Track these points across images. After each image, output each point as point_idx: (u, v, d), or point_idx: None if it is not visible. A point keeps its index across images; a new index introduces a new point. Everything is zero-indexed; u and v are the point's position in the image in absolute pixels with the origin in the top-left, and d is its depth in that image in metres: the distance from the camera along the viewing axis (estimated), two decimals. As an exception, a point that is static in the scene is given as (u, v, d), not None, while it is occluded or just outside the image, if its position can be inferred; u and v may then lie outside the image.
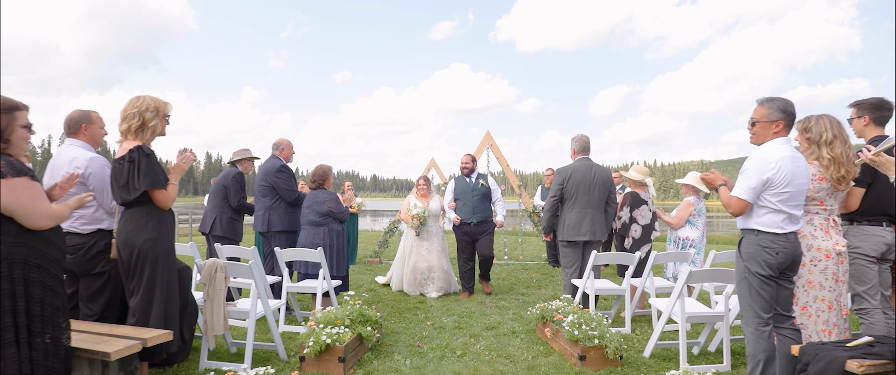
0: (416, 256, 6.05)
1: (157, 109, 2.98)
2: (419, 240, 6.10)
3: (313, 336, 3.31)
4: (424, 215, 5.97)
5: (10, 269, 2.14)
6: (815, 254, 2.98)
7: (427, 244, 6.09)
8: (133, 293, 2.89)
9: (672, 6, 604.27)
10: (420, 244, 6.09)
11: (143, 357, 2.89)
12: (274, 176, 5.07)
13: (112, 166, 2.89)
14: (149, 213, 2.88)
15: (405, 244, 6.28)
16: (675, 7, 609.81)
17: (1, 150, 2.19)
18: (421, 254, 6.05)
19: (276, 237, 5.12)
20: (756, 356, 2.87)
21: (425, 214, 5.98)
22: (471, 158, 6.16)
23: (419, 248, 6.07)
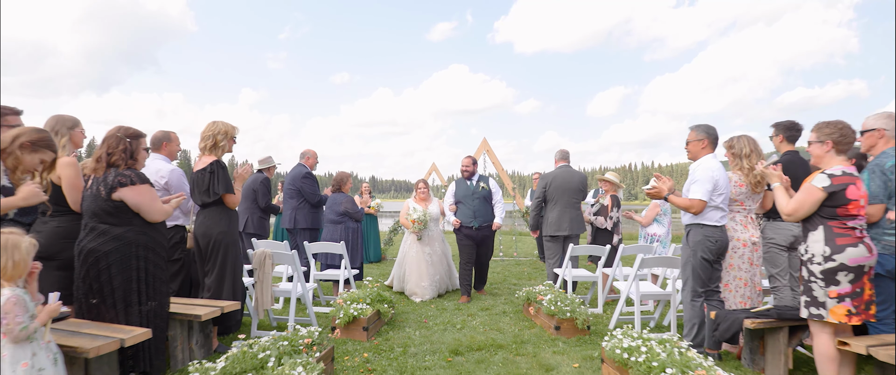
0: (418, 259, 5.94)
1: (226, 133, 3.84)
2: (421, 244, 5.98)
3: (343, 310, 4.17)
4: (425, 218, 5.89)
5: (136, 250, 3.00)
6: (736, 243, 3.84)
7: (429, 249, 5.96)
8: (208, 273, 3.76)
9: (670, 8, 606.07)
10: (422, 249, 5.96)
11: (216, 323, 3.76)
12: (300, 181, 5.93)
13: (194, 176, 3.74)
14: (221, 211, 3.74)
15: (406, 247, 6.12)
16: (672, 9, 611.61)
17: (129, 165, 3.05)
18: (422, 257, 5.93)
19: (300, 234, 5.98)
20: (691, 320, 3.75)
21: (425, 217, 5.90)
22: (472, 160, 6.04)
23: (421, 253, 5.95)
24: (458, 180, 6.08)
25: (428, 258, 5.94)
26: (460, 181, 6.03)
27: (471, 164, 6.01)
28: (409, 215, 5.93)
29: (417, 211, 5.90)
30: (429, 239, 6.02)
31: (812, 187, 2.86)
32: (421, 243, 5.98)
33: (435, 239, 6.07)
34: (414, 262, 5.97)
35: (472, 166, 6.00)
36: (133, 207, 2.97)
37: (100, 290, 2.91)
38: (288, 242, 5.67)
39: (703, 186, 3.56)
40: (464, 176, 6.01)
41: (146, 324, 3.04)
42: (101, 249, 2.90)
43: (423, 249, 5.96)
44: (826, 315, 2.81)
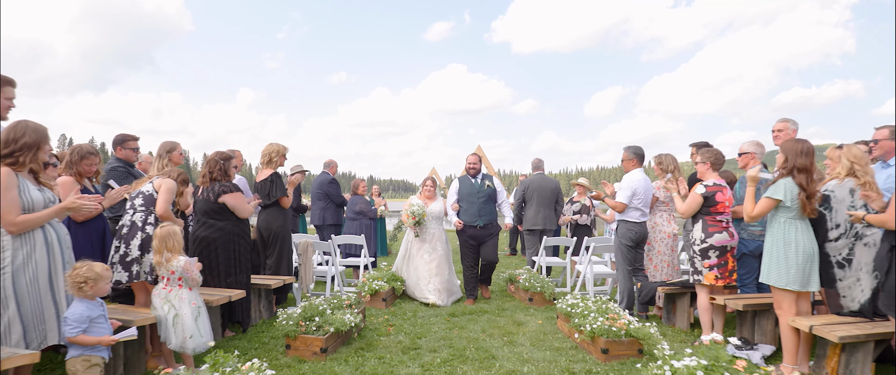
0: (417, 259, 5.86)
1: (278, 151, 5.16)
2: (420, 242, 5.89)
3: (368, 285, 5.50)
4: (421, 212, 5.74)
5: (233, 238, 4.33)
6: (661, 234, 5.18)
7: (429, 247, 5.85)
8: (269, 256, 5.10)
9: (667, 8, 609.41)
10: (421, 247, 5.87)
11: (275, 292, 5.10)
12: (326, 186, 7.27)
13: (257, 184, 5.07)
14: (278, 211, 5.08)
15: (407, 245, 6.05)
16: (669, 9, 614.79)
17: (225, 179, 4.38)
18: (422, 258, 5.83)
19: (327, 229, 7.31)
20: (623, 291, 5.09)
21: (421, 211, 5.75)
22: (477, 158, 5.91)
23: (421, 250, 5.87)
24: (462, 178, 5.95)
25: (427, 257, 5.84)
26: (464, 179, 5.90)
27: (477, 161, 5.87)
28: (411, 208, 5.79)
29: (415, 205, 5.78)
30: (430, 238, 5.88)
31: (695, 194, 4.20)
32: (421, 240, 5.88)
33: (437, 239, 5.91)
34: (414, 261, 5.93)
35: (478, 164, 5.87)
36: (231, 208, 4.31)
37: (209, 265, 4.23)
38: (317, 236, 7.01)
39: (624, 193, 4.92)
40: (469, 174, 5.87)
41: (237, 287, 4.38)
42: (211, 237, 4.23)
43: (422, 246, 5.87)
44: (703, 280, 4.15)
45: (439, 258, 5.82)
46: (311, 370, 3.50)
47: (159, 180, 3.80)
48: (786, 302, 3.51)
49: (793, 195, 3.44)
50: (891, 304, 2.99)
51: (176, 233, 3.43)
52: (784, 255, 3.46)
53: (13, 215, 2.54)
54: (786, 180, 3.49)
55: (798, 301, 3.53)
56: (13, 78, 3.02)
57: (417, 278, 5.82)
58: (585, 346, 4.00)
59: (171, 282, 3.36)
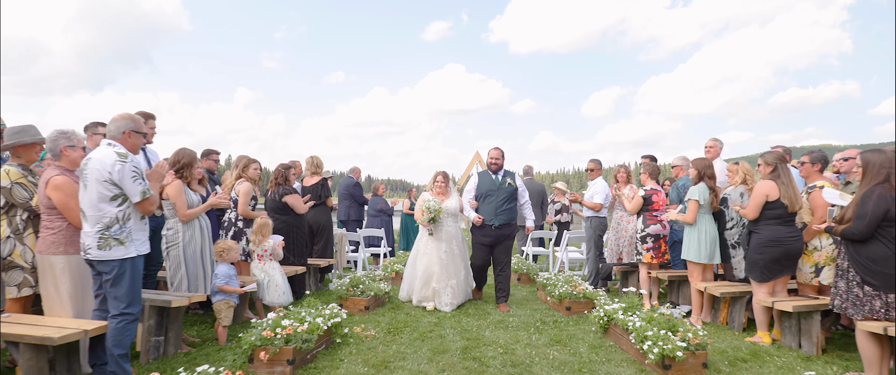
0: (433, 259, 5.43)
1: (320, 164, 6.63)
2: (436, 241, 5.47)
3: (391, 267, 6.98)
4: (437, 209, 5.36)
5: (294, 229, 5.79)
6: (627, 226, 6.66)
7: (445, 246, 5.45)
8: (317, 244, 6.57)
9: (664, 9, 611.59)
10: (437, 246, 5.45)
11: (320, 271, 6.59)
12: (351, 188, 8.73)
13: (307, 188, 6.53)
14: (325, 209, 6.56)
15: (419, 245, 5.64)
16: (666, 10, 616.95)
17: (286, 183, 5.85)
18: (439, 257, 5.42)
19: (350, 224, 8.78)
20: (592, 271, 6.59)
21: (437, 208, 5.37)
22: (500, 152, 5.60)
23: (437, 250, 5.45)
24: (482, 173, 5.68)
25: (445, 257, 5.43)
26: (484, 174, 5.61)
27: (500, 156, 5.58)
28: (426, 204, 5.40)
29: (430, 201, 5.41)
30: (447, 236, 5.50)
31: (638, 197, 5.69)
32: (435, 238, 5.48)
33: (453, 238, 5.54)
34: (426, 262, 5.46)
35: (501, 160, 5.58)
36: (290, 206, 5.78)
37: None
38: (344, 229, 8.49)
39: (601, 196, 6.41)
40: (491, 169, 5.57)
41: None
42: (276, 227, 5.70)
43: (438, 246, 5.45)
44: (643, 259, 5.63)
45: (454, 258, 5.48)
46: (361, 320, 4.96)
47: (238, 186, 5.24)
48: (696, 272, 5.00)
49: (705, 196, 4.93)
50: (749, 270, 4.44)
51: (268, 223, 4.92)
52: (697, 238, 4.94)
53: (184, 210, 4.01)
54: (700, 186, 4.97)
55: (704, 272, 5.02)
56: (152, 113, 4.47)
57: (430, 280, 5.42)
58: (555, 306, 5.49)
59: (264, 258, 4.84)
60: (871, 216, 3.26)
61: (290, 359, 3.37)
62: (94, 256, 3.06)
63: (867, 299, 3.34)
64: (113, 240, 3.07)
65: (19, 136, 3.44)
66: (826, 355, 3.96)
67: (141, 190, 3.14)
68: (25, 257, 3.42)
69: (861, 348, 3.39)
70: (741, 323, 4.70)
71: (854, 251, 3.41)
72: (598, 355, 3.90)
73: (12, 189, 3.34)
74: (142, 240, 3.25)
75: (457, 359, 3.78)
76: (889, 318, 3.28)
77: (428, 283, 5.44)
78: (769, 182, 4.24)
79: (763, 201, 4.21)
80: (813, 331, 3.97)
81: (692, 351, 3.43)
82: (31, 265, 3.43)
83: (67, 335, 2.87)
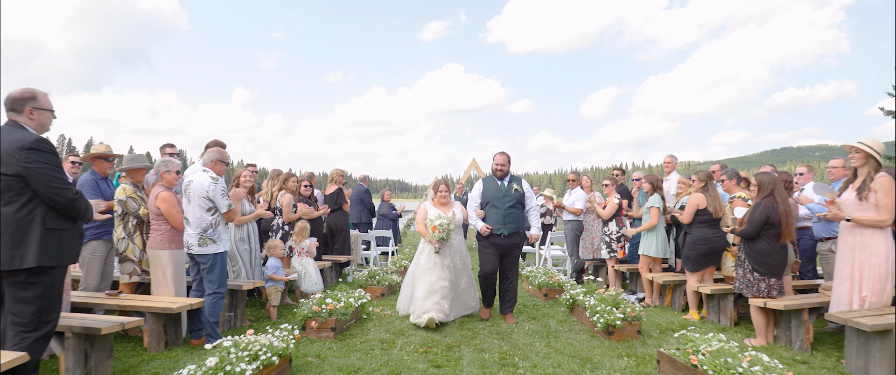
0: (436, 275, 5.10)
1: (335, 178, 7.83)
2: (440, 256, 5.14)
3: (399, 262, 8.18)
4: (449, 227, 5.03)
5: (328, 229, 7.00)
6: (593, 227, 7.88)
7: (449, 262, 5.17)
8: (336, 243, 7.77)
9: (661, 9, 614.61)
10: (441, 263, 5.14)
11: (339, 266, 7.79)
12: (362, 195, 9.93)
13: (327, 196, 7.73)
14: (342, 213, 7.76)
15: (421, 259, 5.31)
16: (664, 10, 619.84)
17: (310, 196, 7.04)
18: (442, 274, 5.12)
19: (361, 226, 9.98)
20: (572, 267, 7.80)
21: (450, 226, 5.05)
22: (506, 158, 5.29)
23: (441, 266, 5.14)
24: (487, 179, 5.38)
25: (448, 273, 5.14)
26: (489, 180, 5.33)
27: (506, 162, 5.27)
28: (431, 222, 5.09)
29: (441, 217, 5.08)
30: (451, 252, 5.21)
31: (613, 204, 6.89)
32: (441, 255, 5.15)
33: (457, 252, 5.26)
34: (428, 280, 5.11)
35: (507, 165, 5.28)
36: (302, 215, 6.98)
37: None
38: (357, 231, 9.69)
39: (581, 202, 7.62)
40: (496, 175, 5.28)
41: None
42: (309, 229, 6.91)
43: (442, 263, 5.14)
44: (616, 255, 6.82)
45: (458, 274, 5.25)
46: (379, 303, 6.14)
47: (281, 198, 6.43)
48: (649, 265, 6.21)
49: (660, 204, 6.14)
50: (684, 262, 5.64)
51: (306, 226, 6.13)
52: (655, 238, 6.13)
53: (239, 216, 5.20)
54: (656, 196, 6.18)
55: (653, 264, 6.23)
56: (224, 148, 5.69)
57: (432, 295, 5.05)
58: (535, 293, 6.70)
59: (302, 254, 6.04)
60: (757, 221, 4.47)
61: (333, 327, 4.57)
62: (195, 251, 4.26)
63: (756, 282, 4.55)
64: (209, 240, 4.27)
65: (132, 162, 4.64)
66: (737, 327, 5.17)
67: (227, 204, 4.35)
68: (134, 253, 4.61)
69: (753, 318, 4.60)
70: (681, 305, 5.91)
71: (747, 247, 4.62)
72: (563, 326, 5.11)
73: (127, 201, 4.53)
74: (226, 240, 4.45)
75: (454, 328, 4.98)
76: (771, 296, 4.49)
77: (429, 299, 5.05)
78: (700, 194, 5.45)
79: (695, 209, 5.43)
80: (727, 309, 5.19)
81: (629, 321, 4.64)
82: (138, 259, 4.62)
83: (182, 305, 4.07)
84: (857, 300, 3.88)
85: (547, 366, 3.89)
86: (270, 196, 6.53)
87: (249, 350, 3.19)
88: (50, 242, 2.91)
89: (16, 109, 2.97)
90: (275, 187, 6.69)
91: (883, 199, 3.77)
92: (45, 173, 2.86)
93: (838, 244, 4.12)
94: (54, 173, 2.90)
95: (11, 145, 2.83)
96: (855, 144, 3.96)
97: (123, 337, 4.56)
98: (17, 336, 2.89)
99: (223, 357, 3.02)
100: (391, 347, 4.38)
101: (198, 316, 4.38)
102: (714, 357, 3.17)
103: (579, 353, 4.23)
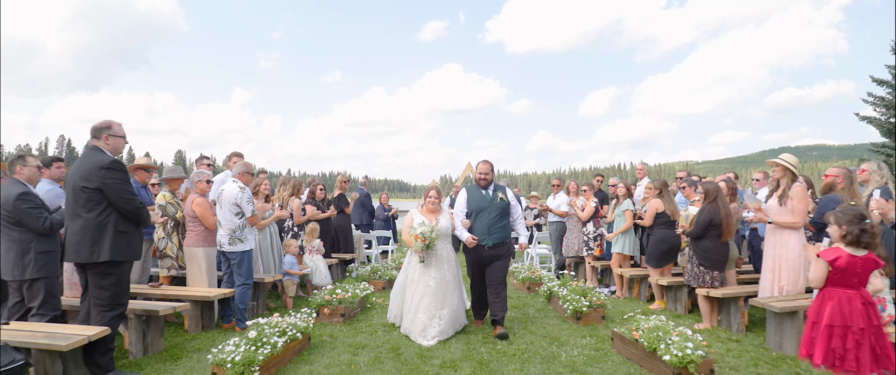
0: (422, 288, 4.88)
1: (340, 185, 8.62)
2: (425, 267, 4.91)
3: (398, 260, 8.97)
4: (432, 234, 4.74)
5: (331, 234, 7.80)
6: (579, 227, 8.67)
7: (435, 273, 4.89)
8: (340, 242, 8.56)
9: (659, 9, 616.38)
10: (425, 273, 4.91)
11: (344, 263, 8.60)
12: (362, 198, 10.73)
13: (333, 199, 8.52)
14: (345, 216, 8.55)
15: (408, 270, 5.13)
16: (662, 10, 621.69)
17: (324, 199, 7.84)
18: (427, 285, 4.86)
19: (364, 227, 10.78)
20: (557, 262, 8.60)
21: (433, 234, 4.75)
22: (490, 166, 5.16)
23: (425, 276, 4.90)
24: (471, 188, 5.24)
25: (435, 284, 4.86)
26: (473, 189, 5.18)
27: (489, 170, 5.14)
28: (413, 230, 4.79)
29: (425, 225, 4.78)
30: (437, 261, 4.94)
31: (590, 207, 7.69)
32: (426, 266, 4.91)
33: (444, 261, 4.98)
34: (415, 291, 4.91)
35: (490, 174, 5.15)
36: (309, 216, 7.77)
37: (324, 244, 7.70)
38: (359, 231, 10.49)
39: (564, 207, 8.41)
40: (480, 184, 5.15)
41: (327, 260, 7.85)
42: (317, 230, 7.71)
43: (427, 272, 4.90)
44: (593, 252, 7.62)
45: (446, 286, 4.92)
46: (381, 295, 6.92)
47: (291, 203, 7.22)
48: (620, 261, 7.01)
49: (633, 208, 6.94)
50: (647, 259, 6.43)
51: (316, 227, 6.93)
52: (628, 238, 6.93)
53: (257, 219, 5.99)
54: (628, 201, 6.98)
55: (624, 261, 7.03)
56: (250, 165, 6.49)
57: (417, 309, 4.84)
58: (520, 287, 7.51)
59: (313, 252, 6.84)
60: (702, 223, 5.27)
61: (343, 313, 5.36)
62: (226, 249, 5.05)
63: (702, 274, 5.35)
64: (237, 239, 5.06)
65: (170, 173, 5.44)
66: (691, 314, 5.96)
67: (251, 209, 5.14)
68: (172, 250, 5.40)
69: (700, 305, 5.39)
70: (646, 296, 6.71)
71: (694, 245, 5.41)
72: (540, 314, 5.91)
73: (166, 206, 5.32)
74: (252, 239, 5.24)
75: (447, 317, 5.77)
76: (714, 286, 5.28)
77: (416, 313, 4.84)
78: (657, 200, 6.27)
79: (655, 213, 6.23)
80: (682, 298, 5.99)
81: (594, 308, 5.44)
82: (175, 256, 5.41)
83: (218, 294, 4.86)
84: (777, 288, 4.69)
85: (521, 344, 4.70)
86: (282, 201, 7.32)
87: (279, 327, 3.99)
88: (120, 241, 3.71)
89: (96, 136, 3.76)
90: (286, 192, 7.47)
91: (797, 205, 4.57)
92: (118, 188, 3.65)
93: (764, 242, 4.92)
94: (125, 187, 3.69)
95: (93, 164, 3.62)
96: (776, 160, 4.76)
97: (167, 322, 5.35)
98: (98, 315, 3.69)
99: (260, 331, 3.82)
100: (392, 329, 5.17)
101: (229, 304, 5.18)
102: (650, 332, 3.97)
103: (550, 334, 5.04)
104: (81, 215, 3.62)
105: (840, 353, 3.03)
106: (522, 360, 4.26)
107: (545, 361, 4.25)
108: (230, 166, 6.93)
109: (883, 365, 2.99)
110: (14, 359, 3.06)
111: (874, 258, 3.10)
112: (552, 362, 4.23)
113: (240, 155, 6.58)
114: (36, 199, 3.98)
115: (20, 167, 4.06)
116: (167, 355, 4.30)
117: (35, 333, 3.48)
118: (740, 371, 4.02)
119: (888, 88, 21.88)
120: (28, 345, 3.35)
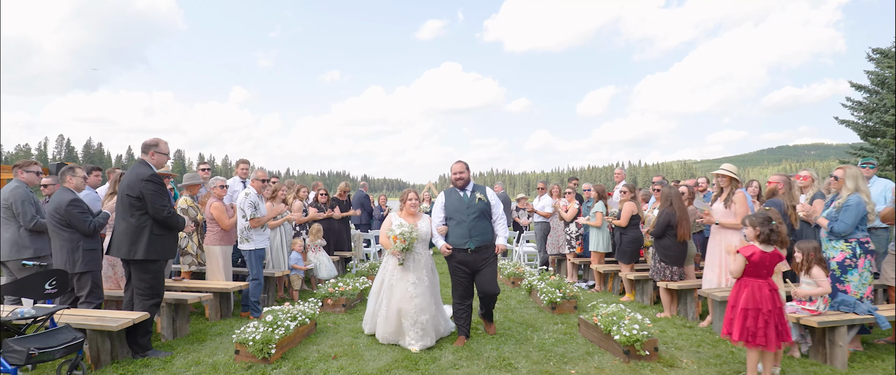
0: (400, 292, 4.75)
1: (344, 189, 9.31)
2: (403, 271, 4.79)
3: (394, 258, 9.65)
4: (411, 236, 4.67)
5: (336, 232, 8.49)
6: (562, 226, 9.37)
7: (414, 277, 4.78)
8: (344, 243, 9.26)
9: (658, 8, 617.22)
10: (404, 277, 4.79)
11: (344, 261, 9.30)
12: (362, 199, 11.39)
13: (334, 200, 9.20)
14: (345, 219, 9.24)
15: (385, 275, 4.97)
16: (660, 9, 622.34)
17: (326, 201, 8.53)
18: (406, 291, 4.74)
19: (363, 227, 11.45)
20: (541, 259, 9.30)
21: (412, 235, 4.68)
22: (464, 166, 4.99)
23: (403, 281, 4.78)
24: (449, 191, 5.06)
25: (413, 289, 4.74)
26: (451, 192, 5.00)
27: (463, 169, 4.97)
28: (391, 231, 4.71)
29: (403, 226, 4.71)
30: (415, 265, 4.84)
31: (573, 209, 8.37)
32: (404, 269, 4.81)
33: (423, 267, 4.87)
34: (391, 296, 4.79)
35: (466, 173, 4.97)
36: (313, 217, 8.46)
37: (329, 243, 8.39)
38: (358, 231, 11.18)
39: (549, 209, 9.10)
40: (456, 185, 4.98)
41: (329, 258, 8.54)
42: (320, 229, 8.40)
43: (406, 276, 4.78)
44: (574, 250, 8.30)
45: (425, 291, 4.80)
46: (377, 290, 7.60)
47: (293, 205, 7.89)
48: (597, 258, 7.71)
49: (604, 209, 7.63)
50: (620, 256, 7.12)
51: (320, 228, 7.62)
52: (602, 236, 7.62)
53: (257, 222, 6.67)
54: (600, 203, 7.67)
55: (600, 258, 7.72)
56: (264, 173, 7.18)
57: (398, 315, 4.73)
58: (505, 282, 8.21)
59: (317, 249, 7.52)
60: (661, 224, 5.95)
61: (344, 303, 6.06)
62: (239, 247, 5.74)
63: (662, 269, 6.04)
64: (245, 239, 5.75)
65: (190, 180, 6.12)
66: (656, 305, 6.65)
67: (250, 213, 5.83)
68: (193, 248, 6.08)
69: (661, 297, 6.09)
70: (619, 289, 7.41)
71: (656, 243, 6.10)
72: (520, 305, 6.61)
73: (187, 209, 5.99)
74: (258, 240, 5.92)
75: (437, 307, 6.46)
76: (673, 280, 5.97)
77: (394, 320, 4.75)
78: (631, 203, 6.96)
79: (630, 215, 6.92)
80: (648, 291, 6.68)
81: (567, 299, 6.13)
82: (195, 253, 6.09)
83: (235, 287, 5.56)
84: (723, 280, 5.38)
85: (500, 329, 5.39)
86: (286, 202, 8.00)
87: (291, 313, 4.69)
88: (155, 243, 4.39)
89: (145, 151, 4.45)
90: (290, 195, 8.16)
91: (739, 208, 5.26)
92: (153, 198, 4.33)
93: (709, 241, 5.62)
94: (159, 198, 4.36)
95: (137, 176, 4.31)
96: (720, 171, 5.45)
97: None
98: (140, 302, 4.38)
99: (275, 316, 4.51)
100: (387, 318, 5.85)
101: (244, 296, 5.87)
102: (606, 317, 4.67)
103: (526, 321, 5.73)
104: (126, 219, 4.31)
105: (752, 331, 3.72)
106: (499, 342, 4.94)
107: (519, 343, 4.93)
108: (238, 171, 7.64)
109: (783, 339, 3.69)
110: (75, 337, 3.72)
111: (778, 253, 3.79)
112: (525, 343, 4.92)
113: (246, 162, 7.26)
114: (83, 205, 4.67)
115: (70, 177, 4.74)
116: (193, 338, 5.00)
117: (89, 317, 4.17)
118: (684, 350, 4.72)
119: (866, 93, 22.77)
120: (84, 327, 4.04)
